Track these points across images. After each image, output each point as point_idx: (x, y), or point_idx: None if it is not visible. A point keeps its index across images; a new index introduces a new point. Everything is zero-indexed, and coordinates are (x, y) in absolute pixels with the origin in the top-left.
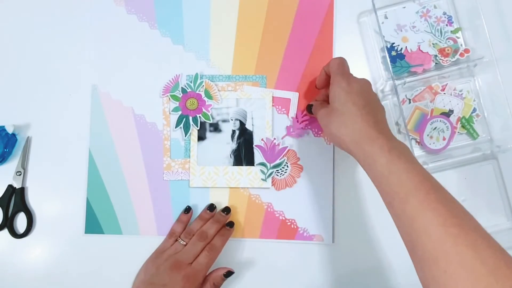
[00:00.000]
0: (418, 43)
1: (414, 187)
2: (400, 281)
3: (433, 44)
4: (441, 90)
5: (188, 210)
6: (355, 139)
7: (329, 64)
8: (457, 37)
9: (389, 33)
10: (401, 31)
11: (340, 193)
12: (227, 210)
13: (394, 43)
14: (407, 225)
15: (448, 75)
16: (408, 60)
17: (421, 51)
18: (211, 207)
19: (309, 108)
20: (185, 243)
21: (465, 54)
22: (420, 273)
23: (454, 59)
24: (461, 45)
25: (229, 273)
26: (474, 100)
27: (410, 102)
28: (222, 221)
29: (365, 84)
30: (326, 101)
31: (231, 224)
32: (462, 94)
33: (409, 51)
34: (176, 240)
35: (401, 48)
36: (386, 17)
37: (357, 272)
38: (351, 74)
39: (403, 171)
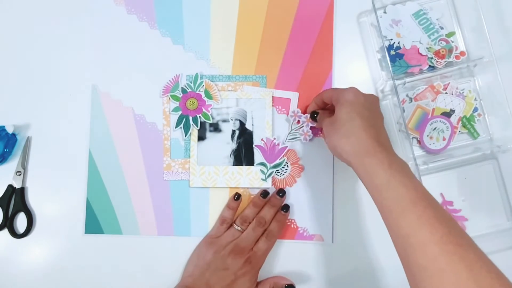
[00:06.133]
0: (413, 41)
1: (411, 203)
2: (400, 281)
3: (427, 48)
4: (443, 89)
5: (238, 197)
6: (356, 150)
7: (327, 92)
8: (451, 40)
9: (385, 26)
10: (396, 25)
11: (340, 193)
12: (282, 192)
13: (392, 39)
14: (403, 240)
15: (450, 75)
16: (406, 60)
17: (420, 54)
18: (265, 194)
19: (313, 115)
20: (241, 229)
21: (461, 57)
22: (413, 287)
23: (450, 59)
24: (452, 41)
25: (290, 287)
26: (475, 99)
27: (411, 101)
28: (278, 205)
29: (372, 98)
30: (330, 109)
31: (286, 208)
32: (463, 93)
33: (401, 46)
34: (231, 226)
35: (398, 45)
36: (385, 12)
37: (357, 272)
38: (358, 89)
39: (402, 186)
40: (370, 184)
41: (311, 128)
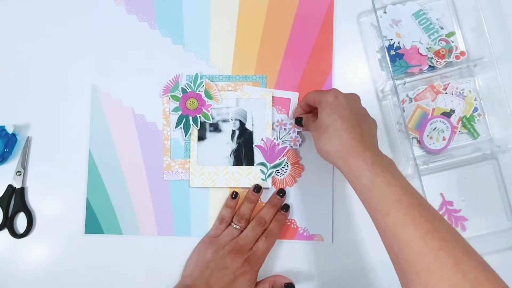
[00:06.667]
0: (413, 41)
1: (396, 201)
2: None
3: (427, 48)
4: (443, 89)
5: (235, 195)
6: (340, 152)
7: (310, 95)
8: (451, 40)
9: (385, 26)
10: (397, 25)
11: (340, 193)
12: (282, 192)
13: (392, 39)
14: (390, 238)
15: (450, 75)
16: (406, 60)
17: (420, 54)
18: (258, 188)
19: (297, 120)
20: (239, 227)
21: (461, 57)
22: (403, 284)
23: (450, 59)
24: (452, 41)
25: (290, 285)
26: (475, 99)
27: (411, 101)
28: (278, 204)
29: (352, 98)
30: (315, 112)
31: (286, 208)
32: (463, 93)
33: (401, 46)
34: (229, 225)
35: (398, 45)
36: (385, 12)
37: (357, 272)
38: (339, 90)
39: (386, 184)
40: (355, 185)
41: (298, 133)
